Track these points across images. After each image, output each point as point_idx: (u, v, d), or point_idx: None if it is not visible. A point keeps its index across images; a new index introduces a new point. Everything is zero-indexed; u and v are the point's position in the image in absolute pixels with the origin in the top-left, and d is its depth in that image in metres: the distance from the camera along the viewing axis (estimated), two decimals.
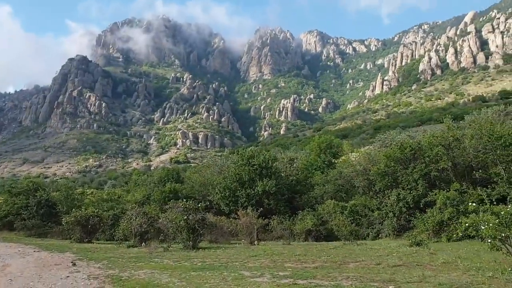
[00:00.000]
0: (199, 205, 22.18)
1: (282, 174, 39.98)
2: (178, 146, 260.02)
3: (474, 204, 15.19)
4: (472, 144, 29.64)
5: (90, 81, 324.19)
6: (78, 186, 79.71)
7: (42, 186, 47.27)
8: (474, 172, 29.26)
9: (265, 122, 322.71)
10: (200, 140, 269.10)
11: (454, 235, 24.42)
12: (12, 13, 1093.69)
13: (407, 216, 29.11)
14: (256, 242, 23.80)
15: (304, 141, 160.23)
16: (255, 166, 37.54)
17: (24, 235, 40.12)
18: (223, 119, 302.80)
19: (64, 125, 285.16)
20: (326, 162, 42.96)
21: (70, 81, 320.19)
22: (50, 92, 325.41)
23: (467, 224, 12.87)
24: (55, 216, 42.08)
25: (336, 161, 44.26)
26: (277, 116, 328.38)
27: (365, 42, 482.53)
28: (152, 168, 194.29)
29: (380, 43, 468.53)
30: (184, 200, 24.56)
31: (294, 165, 44.90)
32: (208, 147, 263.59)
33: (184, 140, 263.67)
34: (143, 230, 23.84)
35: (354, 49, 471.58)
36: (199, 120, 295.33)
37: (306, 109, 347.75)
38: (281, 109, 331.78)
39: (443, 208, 26.25)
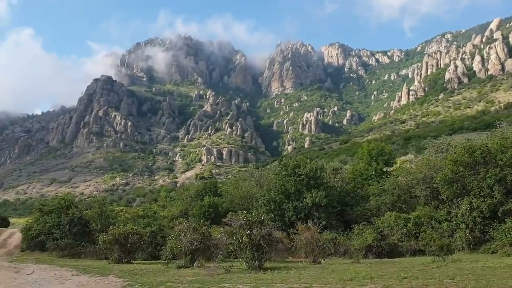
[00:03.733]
0: (263, 217, 19.27)
1: (330, 185, 36.95)
2: (203, 162, 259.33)
3: None
4: None
5: (116, 100, 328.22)
6: (107, 204, 78.02)
7: (74, 204, 45.09)
8: None
9: (288, 136, 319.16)
10: (224, 156, 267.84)
11: None
12: (33, 35, 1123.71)
13: (482, 227, 25.76)
14: (322, 261, 20.81)
15: (331, 154, 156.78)
16: (302, 177, 34.63)
17: (57, 255, 37.82)
18: (246, 135, 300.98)
19: (90, 145, 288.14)
20: (378, 171, 39.77)
21: (96, 101, 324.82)
22: (76, 112, 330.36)
23: None
24: (88, 234, 39.68)
25: (389, 170, 40.92)
26: (300, 130, 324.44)
27: (388, 53, 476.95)
28: (178, 184, 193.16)
29: (403, 54, 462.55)
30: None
31: (338, 176, 41.92)
32: (232, 162, 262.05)
33: (208, 156, 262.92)
34: (194, 248, 21.11)
35: (377, 60, 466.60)
36: (222, 136, 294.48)
37: (330, 122, 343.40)
38: (305, 122, 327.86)
39: None
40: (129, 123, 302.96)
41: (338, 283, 13.15)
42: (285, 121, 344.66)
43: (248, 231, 17.78)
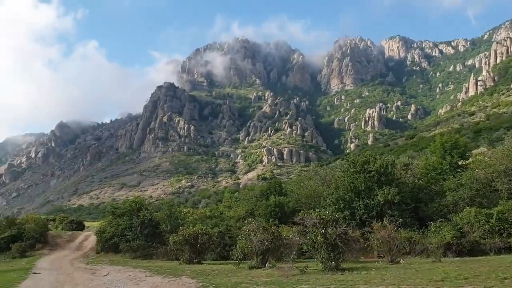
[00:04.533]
0: (337, 215, 18.45)
1: (402, 181, 35.16)
2: (264, 163, 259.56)
3: None
4: None
5: (178, 106, 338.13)
6: (176, 206, 80.00)
7: (145, 206, 46.42)
8: None
9: (350, 133, 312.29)
10: (285, 156, 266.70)
11: None
12: (98, 47, 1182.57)
13: None
14: (401, 260, 19.62)
15: (397, 150, 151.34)
16: (372, 173, 33.22)
17: (130, 257, 39.10)
18: (306, 134, 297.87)
19: (156, 150, 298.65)
20: (452, 165, 37.43)
21: (160, 108, 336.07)
22: (142, 119, 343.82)
23: None
24: (158, 236, 40.64)
25: (464, 163, 38.40)
26: (363, 127, 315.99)
27: (452, 43, 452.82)
28: (240, 185, 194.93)
29: (468, 43, 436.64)
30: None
31: (409, 172, 39.96)
32: (293, 162, 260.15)
33: (269, 157, 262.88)
34: (264, 248, 20.70)
35: (440, 51, 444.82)
36: (282, 136, 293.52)
37: (393, 117, 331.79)
38: (367, 119, 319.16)
39: None
40: (192, 127, 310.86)
41: (429, 284, 12.01)
42: (346, 118, 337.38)
43: (323, 230, 17.04)
